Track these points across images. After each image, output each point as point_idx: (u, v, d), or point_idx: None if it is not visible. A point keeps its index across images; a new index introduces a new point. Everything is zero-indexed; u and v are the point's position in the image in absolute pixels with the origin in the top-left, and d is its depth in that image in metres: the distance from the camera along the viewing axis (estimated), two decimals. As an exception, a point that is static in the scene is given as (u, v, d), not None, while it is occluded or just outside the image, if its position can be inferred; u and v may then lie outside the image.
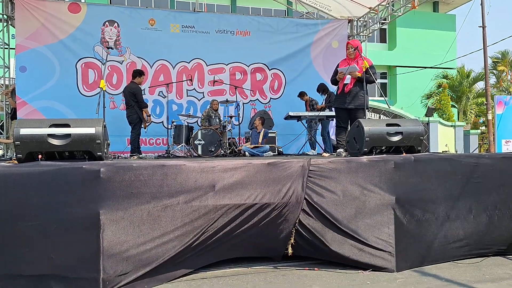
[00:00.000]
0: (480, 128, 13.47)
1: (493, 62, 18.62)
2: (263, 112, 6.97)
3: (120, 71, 6.55)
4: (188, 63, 6.85)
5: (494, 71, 18.69)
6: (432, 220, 2.83)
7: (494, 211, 2.99)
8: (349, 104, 4.07)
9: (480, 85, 16.08)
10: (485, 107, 10.99)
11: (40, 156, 2.68)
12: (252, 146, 5.61)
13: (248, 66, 7.05)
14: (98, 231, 2.27)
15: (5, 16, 6.39)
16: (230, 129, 6.05)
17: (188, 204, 2.51)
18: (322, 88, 6.41)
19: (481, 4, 9.68)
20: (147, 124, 5.49)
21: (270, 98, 7.21)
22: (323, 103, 6.31)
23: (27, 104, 6.09)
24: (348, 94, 4.06)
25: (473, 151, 10.58)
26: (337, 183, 2.77)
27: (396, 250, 2.65)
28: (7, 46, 6.53)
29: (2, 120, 6.59)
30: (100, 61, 6.32)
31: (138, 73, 5.48)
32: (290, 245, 2.69)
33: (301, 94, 6.65)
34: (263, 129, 5.96)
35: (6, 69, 6.55)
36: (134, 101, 5.28)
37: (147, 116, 5.45)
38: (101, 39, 6.40)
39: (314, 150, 6.09)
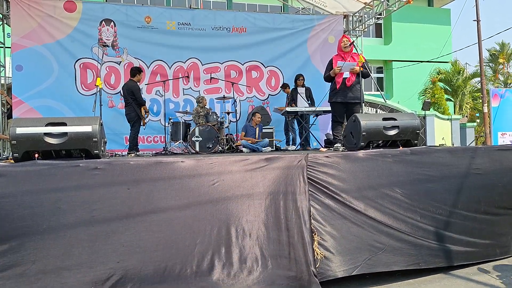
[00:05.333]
0: (476, 121, 13.52)
1: (490, 55, 18.64)
2: (260, 108, 6.98)
3: (118, 72, 6.54)
4: (184, 62, 6.84)
5: (490, 64, 18.72)
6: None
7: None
8: (350, 98, 4.10)
9: (476, 78, 16.13)
10: (480, 100, 11.03)
11: (36, 155, 2.68)
12: (255, 141, 5.67)
13: (243, 65, 7.05)
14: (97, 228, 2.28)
15: (0, 15, 6.34)
16: (227, 126, 6.05)
17: (186, 201, 2.52)
18: (284, 86, 6.61)
19: (476, -2, 9.69)
20: (145, 121, 5.49)
21: (269, 94, 7.22)
22: (287, 101, 6.39)
23: (23, 103, 6.06)
24: (349, 88, 4.09)
25: (470, 144, 10.64)
26: (335, 178, 2.78)
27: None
28: (2, 45, 6.49)
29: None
30: (98, 62, 6.32)
31: (138, 71, 5.48)
32: (316, 246, 2.51)
33: (284, 86, 6.66)
34: (258, 125, 6.01)
35: (2, 68, 6.51)
36: (132, 98, 5.28)
37: (145, 112, 5.45)
38: (98, 40, 6.38)
39: (290, 145, 6.15)
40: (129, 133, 5.42)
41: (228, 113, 6.24)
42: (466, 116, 13.86)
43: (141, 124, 5.44)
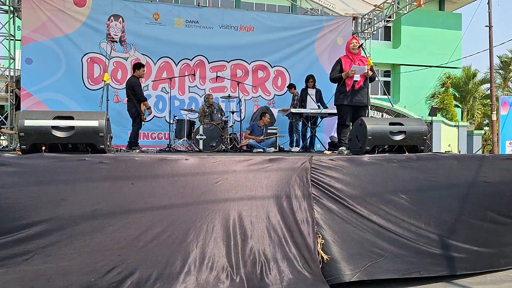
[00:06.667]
0: (484, 128, 13.37)
1: (501, 61, 18.37)
2: (265, 108, 6.97)
3: (125, 67, 6.59)
4: (191, 60, 6.87)
5: (500, 71, 18.47)
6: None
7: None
8: (357, 102, 4.09)
9: (485, 85, 15.94)
10: (490, 108, 10.91)
11: (43, 148, 2.71)
12: (260, 139, 5.71)
13: (250, 64, 7.05)
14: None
15: (11, 8, 6.42)
16: (232, 125, 6.06)
17: (189, 199, 2.52)
18: (290, 87, 6.53)
19: (488, 4, 9.57)
20: (144, 117, 5.48)
21: (275, 94, 7.21)
22: (292, 102, 6.37)
23: (31, 95, 6.14)
24: (357, 91, 4.08)
25: (476, 151, 10.54)
26: (339, 181, 2.76)
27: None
28: (12, 38, 6.56)
29: (6, 111, 6.64)
30: (106, 57, 6.37)
31: (137, 66, 5.52)
32: (320, 248, 2.49)
33: (290, 86, 6.62)
34: (265, 125, 6.03)
35: (12, 60, 6.59)
36: (133, 94, 5.31)
37: (146, 108, 5.46)
38: (106, 35, 6.43)
39: (293, 147, 6.14)
40: (132, 127, 5.45)
41: (233, 113, 6.24)
42: (473, 124, 13.71)
43: (141, 120, 5.43)
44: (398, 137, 3.28)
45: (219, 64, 6.94)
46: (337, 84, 4.26)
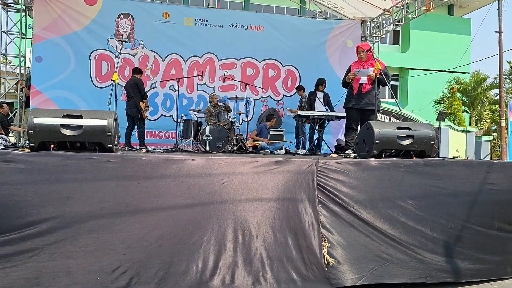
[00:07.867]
0: (492, 134, 13.20)
1: (511, 67, 18.12)
2: (272, 110, 6.96)
3: (132, 64, 6.62)
4: (200, 57, 6.87)
5: (510, 76, 18.21)
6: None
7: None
8: (365, 105, 4.06)
9: (494, 91, 15.75)
10: (498, 113, 10.76)
11: (52, 146, 2.73)
12: (270, 142, 5.73)
13: (260, 62, 7.04)
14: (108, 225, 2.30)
15: (23, 7, 6.52)
16: (238, 126, 6.06)
17: (195, 199, 2.52)
18: (300, 88, 6.49)
19: (498, 9, 9.45)
20: (146, 114, 5.53)
21: (284, 95, 7.19)
22: (300, 105, 6.34)
23: (41, 93, 6.21)
24: (365, 95, 4.05)
25: (484, 157, 10.40)
26: (345, 185, 2.75)
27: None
28: (23, 36, 6.66)
29: (15, 109, 6.74)
30: (113, 54, 6.42)
31: (140, 71, 5.62)
32: (325, 251, 2.49)
33: (299, 88, 6.57)
34: (271, 127, 6.05)
35: (22, 59, 6.69)
36: (134, 92, 5.34)
37: (145, 106, 5.52)
38: (115, 32, 6.48)
39: (299, 149, 6.12)
40: (138, 127, 5.48)
41: (240, 114, 6.24)
42: (482, 129, 13.54)
43: (142, 117, 5.47)
44: (406, 142, 3.25)
45: (229, 62, 6.93)
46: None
